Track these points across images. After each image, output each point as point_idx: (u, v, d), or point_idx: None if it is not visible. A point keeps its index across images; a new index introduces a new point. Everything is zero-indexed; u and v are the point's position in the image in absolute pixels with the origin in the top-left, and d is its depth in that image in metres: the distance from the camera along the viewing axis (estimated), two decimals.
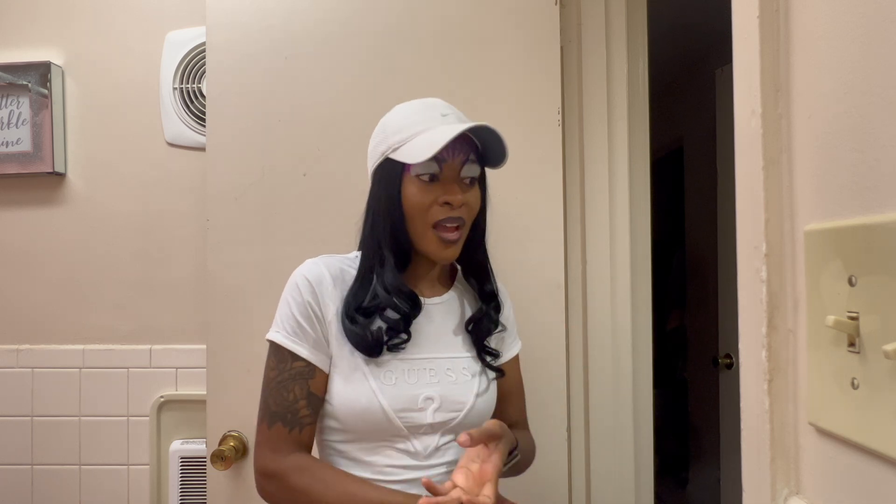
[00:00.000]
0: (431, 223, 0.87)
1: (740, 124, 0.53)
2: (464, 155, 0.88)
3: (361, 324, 0.86)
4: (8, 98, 1.54)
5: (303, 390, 0.86)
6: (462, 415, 0.90)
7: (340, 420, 0.88)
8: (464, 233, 0.90)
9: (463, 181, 0.89)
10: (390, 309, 0.88)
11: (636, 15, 1.46)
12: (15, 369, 1.54)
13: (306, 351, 0.87)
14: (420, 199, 0.86)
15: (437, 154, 0.82)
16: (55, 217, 1.56)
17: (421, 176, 0.86)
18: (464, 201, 0.87)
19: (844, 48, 0.43)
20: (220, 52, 1.35)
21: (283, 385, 0.86)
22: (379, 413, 0.85)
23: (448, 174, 0.87)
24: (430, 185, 0.87)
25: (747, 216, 0.53)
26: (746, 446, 0.53)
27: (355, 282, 0.90)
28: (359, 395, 0.86)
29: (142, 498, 1.52)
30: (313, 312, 0.88)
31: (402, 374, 0.88)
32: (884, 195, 0.40)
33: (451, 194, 0.86)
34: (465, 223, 0.89)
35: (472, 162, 0.89)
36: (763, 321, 0.50)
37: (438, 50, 1.34)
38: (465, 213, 0.88)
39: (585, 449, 1.41)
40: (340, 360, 0.88)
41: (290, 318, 0.88)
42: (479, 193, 0.92)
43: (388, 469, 0.88)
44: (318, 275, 0.89)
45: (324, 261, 0.92)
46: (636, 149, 1.44)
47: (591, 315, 1.40)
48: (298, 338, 0.87)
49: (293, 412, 0.86)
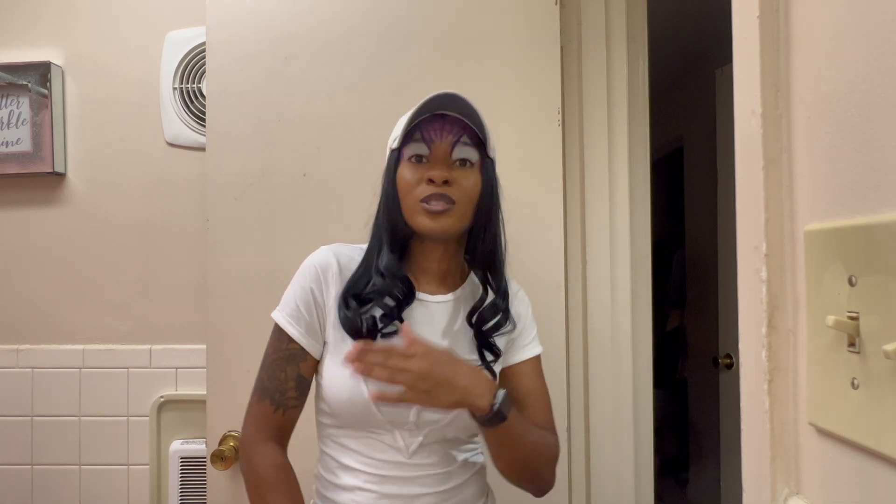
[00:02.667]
0: (419, 198, 0.88)
1: (740, 124, 0.53)
2: (453, 136, 0.89)
3: (354, 309, 0.88)
4: (8, 98, 1.54)
5: (293, 371, 0.90)
6: (449, 418, 0.88)
7: (329, 405, 0.89)
8: (457, 210, 0.89)
9: (454, 163, 0.90)
10: (386, 295, 0.89)
11: (636, 15, 1.46)
12: (15, 369, 1.54)
13: (299, 334, 0.90)
14: (409, 178, 0.89)
15: (421, 135, 0.88)
16: (55, 217, 1.56)
17: (411, 158, 0.90)
18: (447, 178, 0.87)
19: (844, 48, 0.43)
20: (220, 52, 1.35)
21: (277, 363, 0.90)
22: (362, 402, 0.86)
23: (437, 154, 0.89)
24: (419, 166, 0.90)
25: (747, 216, 0.53)
26: (746, 446, 0.53)
27: (358, 268, 0.92)
28: (346, 381, 0.87)
29: (142, 498, 1.52)
30: (314, 298, 0.91)
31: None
32: (884, 195, 0.40)
33: (433, 171, 0.87)
34: (456, 202, 0.88)
35: (464, 144, 0.90)
36: (763, 321, 0.50)
37: (438, 50, 1.34)
38: (454, 193, 0.88)
39: (585, 449, 1.41)
40: (335, 347, 0.90)
41: (291, 301, 0.92)
42: (477, 177, 0.91)
43: (373, 462, 0.88)
44: (325, 262, 0.93)
45: (335, 248, 0.95)
46: (636, 149, 1.44)
47: (591, 315, 1.40)
48: (295, 320, 0.91)
49: (282, 392, 0.90)
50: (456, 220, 0.89)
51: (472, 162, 0.91)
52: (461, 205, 0.89)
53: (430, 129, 0.89)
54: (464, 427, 0.90)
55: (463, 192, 0.89)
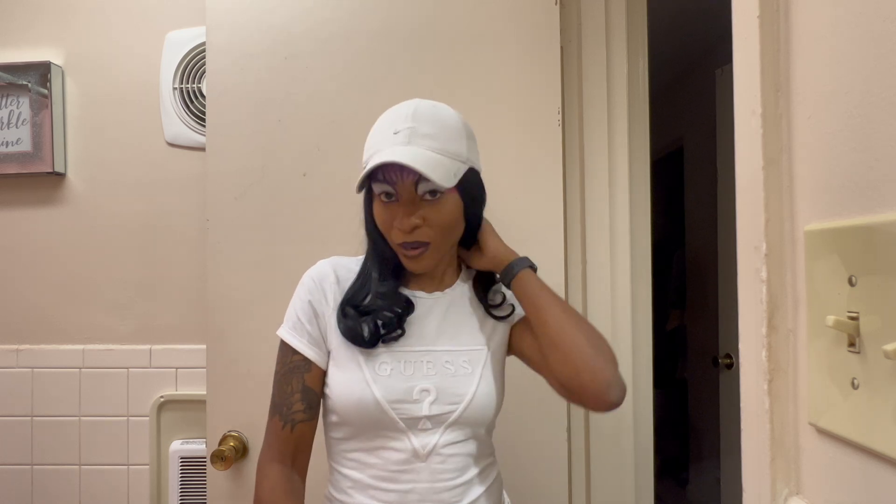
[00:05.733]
0: (396, 242, 0.89)
1: (740, 124, 0.53)
2: (413, 175, 0.85)
3: (353, 317, 0.89)
4: (8, 98, 1.54)
5: (299, 383, 0.90)
6: (461, 407, 0.88)
7: (338, 412, 0.89)
8: (432, 248, 0.89)
9: (423, 198, 0.86)
10: (385, 311, 0.90)
11: (636, 15, 1.46)
12: (15, 369, 1.54)
13: (302, 345, 0.91)
14: (382, 220, 0.89)
15: (383, 176, 0.85)
16: (55, 217, 1.56)
17: (380, 195, 0.88)
18: (415, 224, 0.86)
19: (844, 48, 0.43)
20: (220, 52, 1.35)
21: (284, 378, 0.91)
22: (372, 404, 0.86)
23: (403, 193, 0.86)
24: (389, 205, 0.88)
25: (747, 216, 0.53)
26: (746, 446, 0.53)
27: (356, 280, 0.94)
28: (353, 385, 0.87)
29: (142, 498, 1.52)
30: (313, 309, 0.92)
31: (397, 365, 0.89)
32: (884, 195, 0.40)
33: (402, 218, 0.86)
34: (430, 243, 0.88)
35: (426, 179, 0.84)
36: (763, 321, 0.50)
37: (438, 50, 1.34)
38: (425, 235, 0.87)
39: (585, 449, 1.40)
40: (338, 352, 0.90)
41: (293, 315, 0.93)
42: (452, 202, 0.88)
43: (390, 473, 0.87)
44: (322, 273, 0.94)
45: (333, 261, 0.97)
46: (636, 149, 1.44)
47: (591, 315, 1.40)
48: (297, 332, 0.91)
49: (288, 405, 0.90)
50: (434, 255, 0.90)
51: (442, 191, 0.86)
52: (436, 241, 0.89)
53: (390, 170, 0.85)
54: (478, 418, 0.90)
55: (436, 226, 0.87)
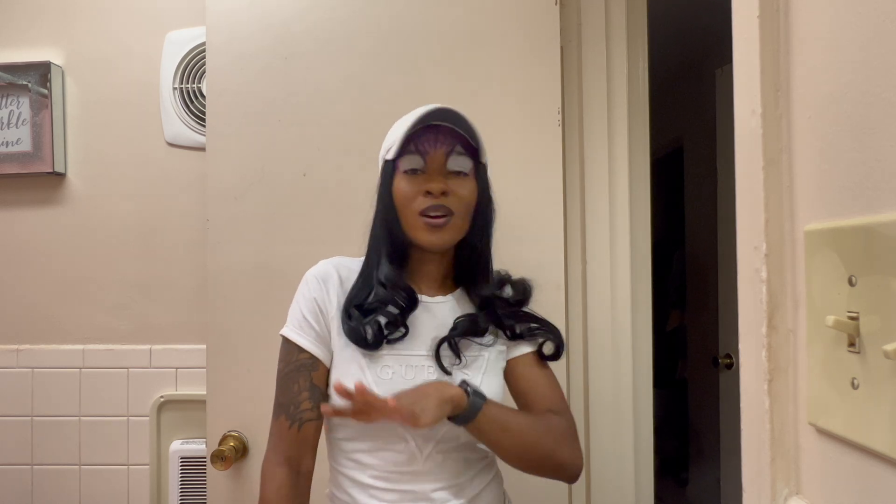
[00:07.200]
0: (418, 211, 0.89)
1: (740, 124, 0.53)
2: (447, 147, 0.90)
3: (357, 318, 0.89)
4: (8, 98, 1.54)
5: (306, 381, 0.90)
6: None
7: None
8: (455, 222, 0.90)
9: (450, 173, 0.90)
10: (389, 304, 0.90)
11: (636, 15, 1.46)
12: (15, 369, 1.54)
13: (309, 343, 0.90)
14: (406, 191, 0.90)
15: (415, 147, 0.88)
16: (55, 217, 1.56)
17: (407, 171, 0.90)
18: (444, 189, 0.88)
19: (844, 48, 0.43)
20: (220, 52, 1.35)
21: (290, 376, 0.91)
22: None
23: (432, 166, 0.90)
24: (416, 178, 0.90)
25: (747, 216, 0.53)
26: (746, 446, 0.53)
27: (357, 280, 0.94)
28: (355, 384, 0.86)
29: (142, 498, 1.52)
30: (318, 308, 0.92)
31: (399, 368, 0.89)
32: (884, 195, 0.40)
33: (431, 183, 0.88)
34: (454, 213, 0.89)
35: (458, 154, 0.90)
36: (763, 321, 0.50)
37: (438, 50, 1.34)
38: (452, 203, 0.89)
39: (585, 449, 1.40)
40: (341, 354, 0.90)
41: (297, 313, 0.93)
42: (473, 186, 0.92)
43: (390, 474, 0.88)
44: (325, 273, 0.94)
45: (335, 261, 0.97)
46: (636, 149, 1.44)
47: (591, 315, 1.40)
48: (303, 331, 0.91)
49: (295, 404, 0.89)
50: (455, 231, 0.91)
51: (467, 171, 0.91)
52: (459, 215, 0.90)
53: (425, 140, 0.89)
54: None
55: (460, 201, 0.90)
